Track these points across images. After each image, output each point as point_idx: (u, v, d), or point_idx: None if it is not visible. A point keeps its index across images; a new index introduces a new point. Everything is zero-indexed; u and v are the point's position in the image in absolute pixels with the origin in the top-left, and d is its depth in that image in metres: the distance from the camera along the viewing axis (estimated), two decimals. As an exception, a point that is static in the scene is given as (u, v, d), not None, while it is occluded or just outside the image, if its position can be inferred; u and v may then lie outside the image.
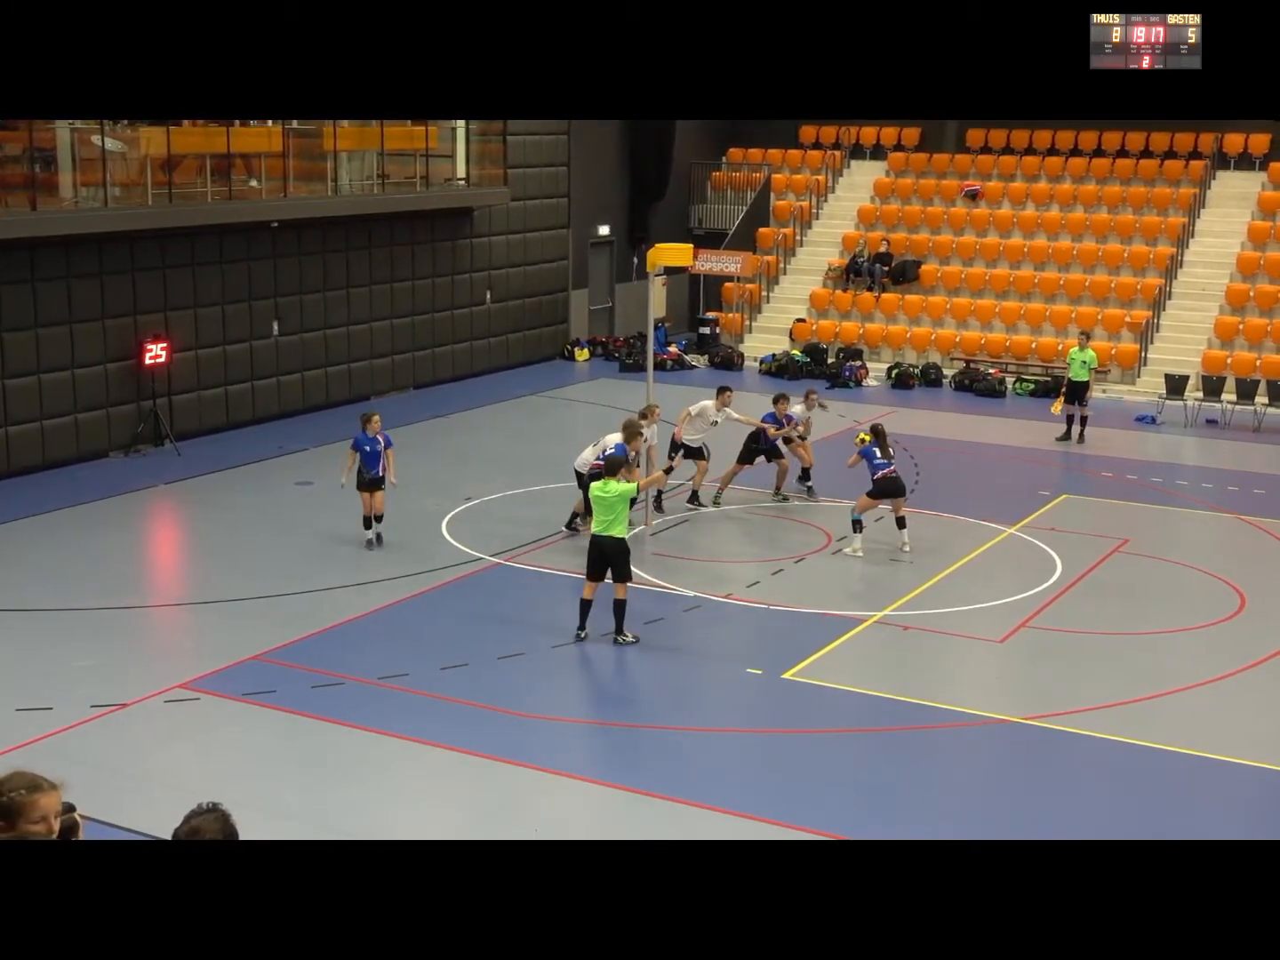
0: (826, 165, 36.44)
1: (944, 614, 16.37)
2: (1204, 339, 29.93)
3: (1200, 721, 13.81)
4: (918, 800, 12.19)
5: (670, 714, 13.89)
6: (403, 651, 15.00)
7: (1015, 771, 13.02)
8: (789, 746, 13.40)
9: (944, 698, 14.16)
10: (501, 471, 22.22)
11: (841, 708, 14.18)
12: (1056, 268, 32.32)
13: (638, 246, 33.93)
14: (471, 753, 12.69)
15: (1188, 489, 21.95)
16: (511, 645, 15.18)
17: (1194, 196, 32.52)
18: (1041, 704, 14.04)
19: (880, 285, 33.03)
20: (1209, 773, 12.79)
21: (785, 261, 34.99)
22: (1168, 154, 33.65)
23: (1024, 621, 16.22)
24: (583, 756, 12.93)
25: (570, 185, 32.75)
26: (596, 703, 14.29)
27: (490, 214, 30.32)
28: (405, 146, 28.15)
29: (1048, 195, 33.74)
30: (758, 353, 32.32)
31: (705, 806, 11.75)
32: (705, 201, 37.46)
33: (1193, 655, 15.38)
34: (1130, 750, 13.14)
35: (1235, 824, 11.94)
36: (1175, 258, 31.59)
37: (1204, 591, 17.42)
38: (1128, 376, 29.85)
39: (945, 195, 34.71)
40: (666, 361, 31.00)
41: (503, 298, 31.04)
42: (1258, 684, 14.70)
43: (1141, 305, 30.89)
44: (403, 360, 28.44)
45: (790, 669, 14.68)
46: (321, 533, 19.09)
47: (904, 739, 13.36)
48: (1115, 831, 11.49)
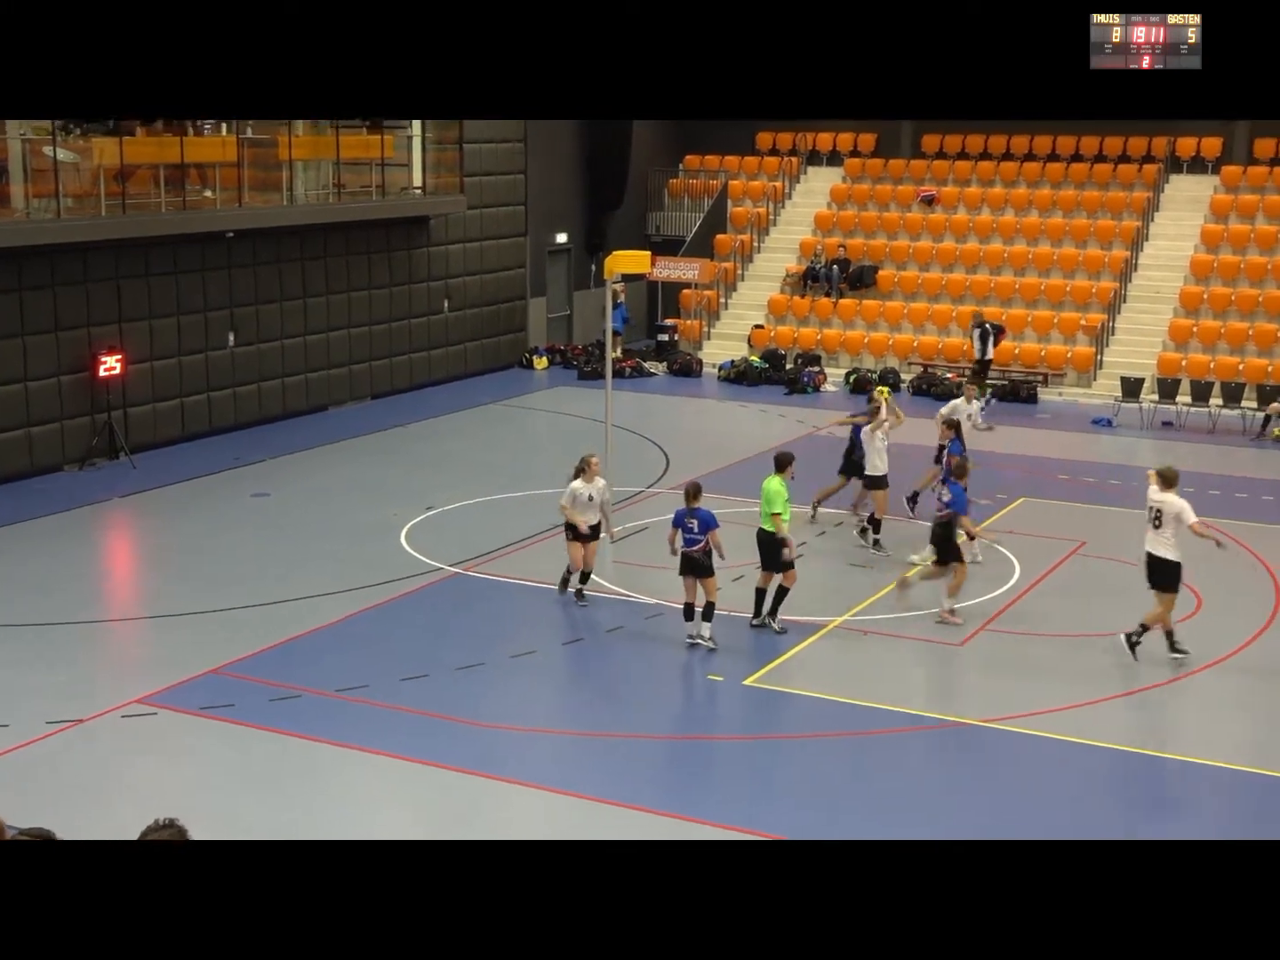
0: (783, 172, 36.52)
1: (904, 618, 16.40)
2: (1159, 341, 30.14)
3: (1160, 722, 13.89)
4: (880, 804, 12.19)
5: (631, 722, 13.86)
6: (361, 663, 14.91)
7: (976, 774, 13.04)
8: (750, 753, 13.40)
9: (904, 702, 14.18)
10: (461, 481, 22.16)
11: (803, 713, 14.18)
12: (1012, 272, 32.48)
13: (595, 254, 33.93)
14: (431, 763, 12.63)
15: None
16: (471, 655, 15.13)
17: (1148, 200, 32.76)
18: (1002, 707, 14.08)
19: (838, 291, 33.12)
20: (1169, 773, 12.85)
21: (743, 268, 35.04)
22: (1121, 158, 33.89)
23: (983, 625, 16.27)
24: (543, 766, 12.87)
25: (527, 193, 32.72)
26: (556, 712, 14.24)
27: (447, 222, 30.25)
28: (361, 155, 28.06)
29: (1003, 200, 33.92)
30: (716, 359, 32.35)
31: (665, 814, 11.72)
32: (663, 208, 37.50)
33: (1149, 657, 15.45)
34: (1091, 752, 13.19)
35: (1196, 823, 12.00)
36: (1130, 261, 31.81)
37: (1161, 593, 17.50)
38: (1084, 379, 30.02)
39: (901, 200, 34.84)
40: (625, 369, 30.99)
41: (460, 306, 30.96)
42: (1215, 684, 14.79)
43: (1097, 308, 31.08)
44: (360, 370, 28.32)
45: (751, 675, 14.68)
46: (279, 545, 18.98)
47: (865, 743, 13.37)
48: (1077, 832, 11.52)
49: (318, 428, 25.89)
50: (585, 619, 16.28)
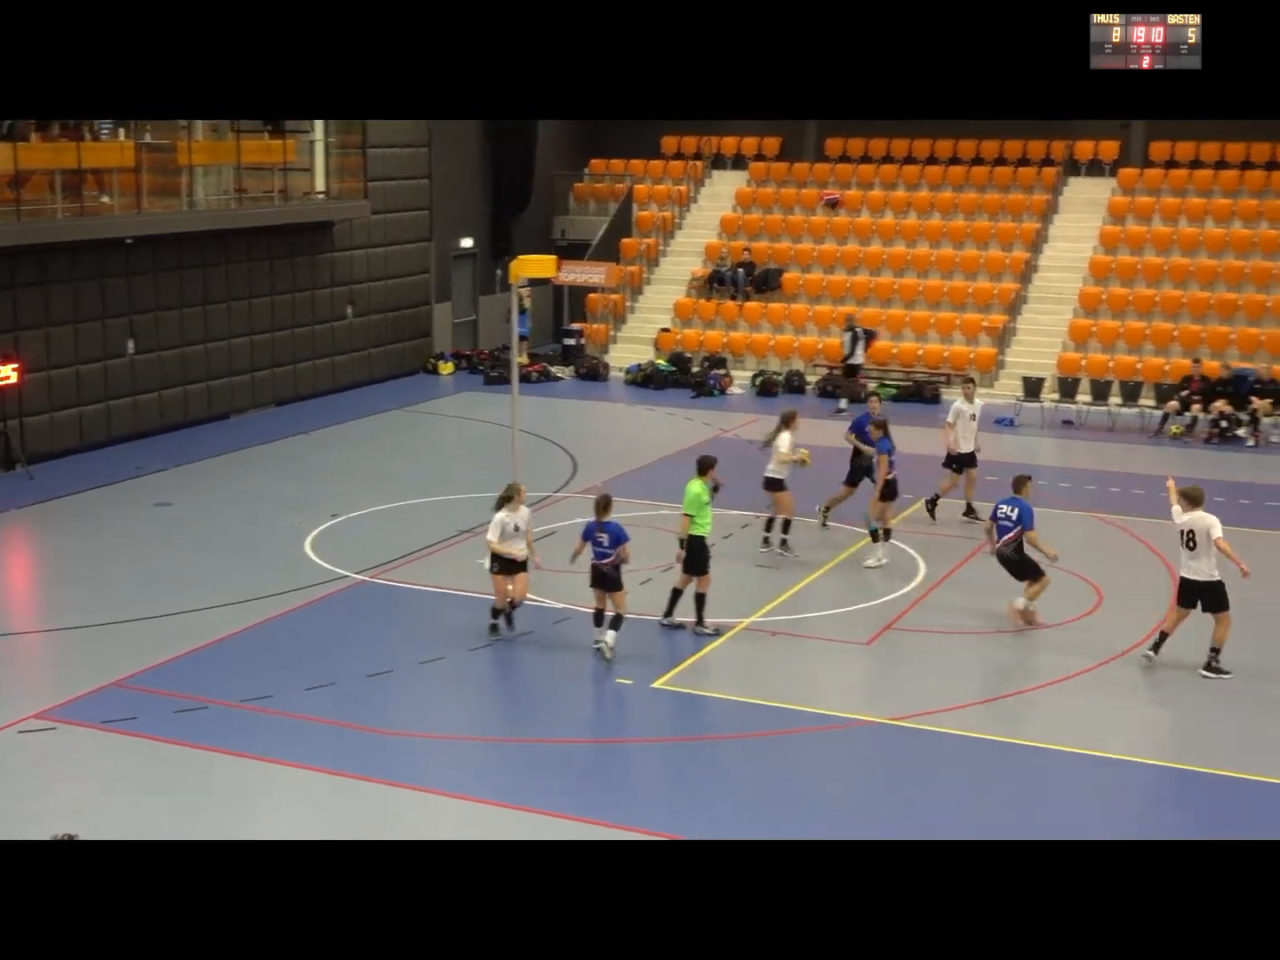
0: (688, 175, 36.64)
1: (811, 618, 16.49)
2: (1059, 342, 30.56)
3: (1063, 716, 14.05)
4: (790, 803, 12.24)
5: (541, 727, 13.81)
6: (267, 673, 14.74)
7: (884, 772, 13.12)
8: (659, 755, 13.40)
9: (812, 701, 14.25)
10: (366, 488, 21.98)
11: (712, 715, 14.21)
12: (915, 274, 32.79)
13: (501, 258, 33.82)
14: (340, 773, 12.50)
15: (1046, 488, 22.30)
16: (379, 663, 15.00)
17: (1047, 203, 33.21)
18: (908, 704, 14.18)
19: (743, 294, 33.27)
20: (1073, 766, 13.00)
21: (649, 271, 35.10)
22: (1021, 161, 34.34)
23: (890, 623, 16.39)
24: (453, 773, 12.79)
25: (432, 198, 32.56)
26: (466, 718, 14.15)
27: (351, 227, 30.02)
28: (262, 160, 27.74)
29: (906, 203, 34.24)
30: (623, 363, 32.36)
31: (579, 819, 11.69)
32: (568, 213, 37.46)
33: (1054, 651, 15.65)
34: (996, 747, 13.33)
35: (1101, 816, 12.16)
36: (1030, 262, 32.23)
37: (1063, 589, 17.73)
38: (986, 380, 30.34)
39: (806, 204, 35.07)
40: (531, 374, 30.92)
41: (365, 312, 30.74)
42: (1117, 678, 15.00)
43: (998, 309, 31.46)
44: (263, 377, 28.01)
45: (659, 678, 14.68)
46: (181, 555, 18.72)
47: (774, 744, 13.41)
48: (984, 827, 11.64)
49: (220, 436, 25.57)
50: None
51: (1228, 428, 26.44)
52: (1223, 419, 26.48)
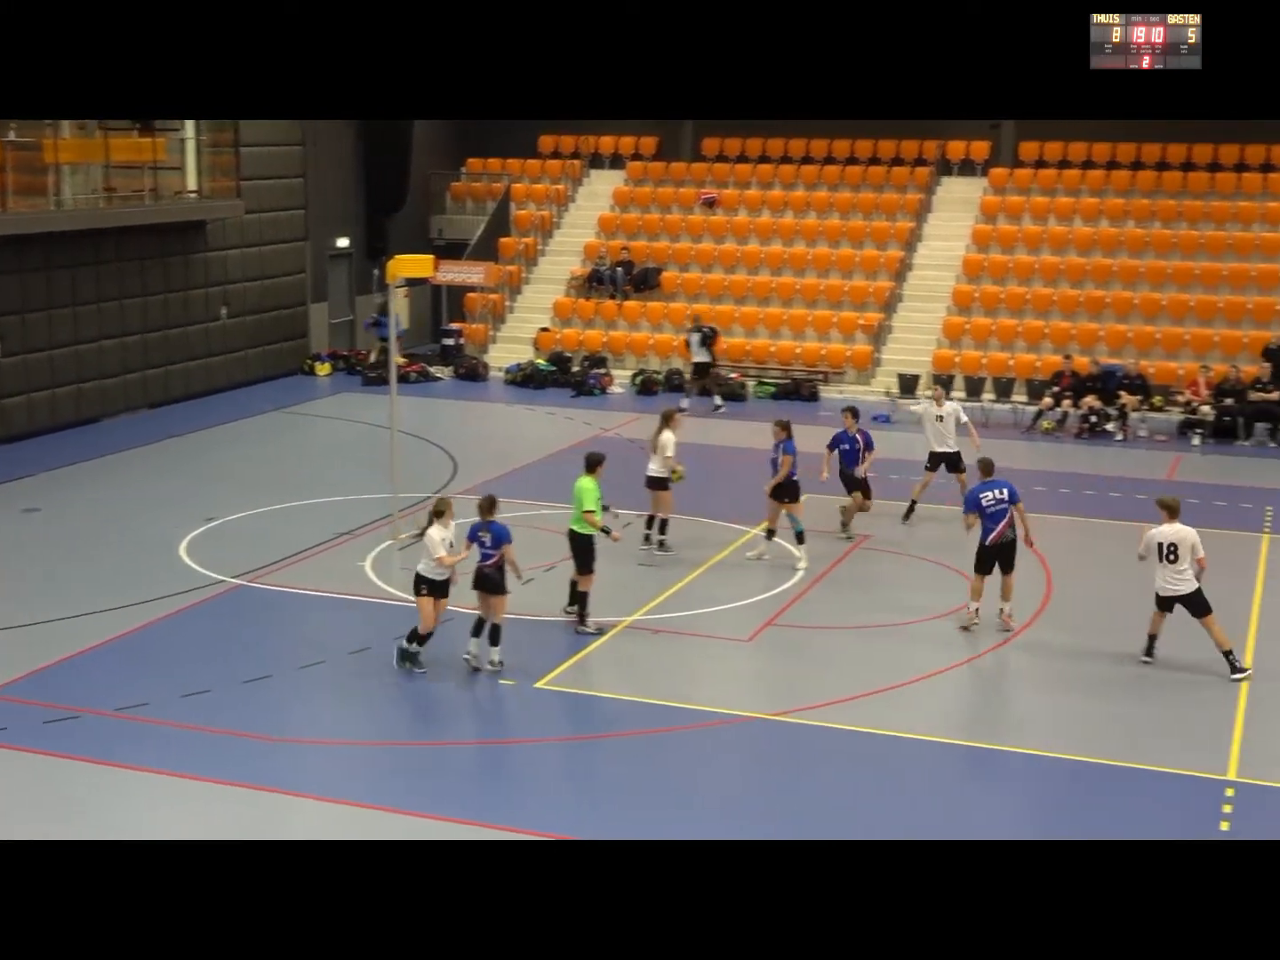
0: (566, 174, 36.60)
1: (693, 615, 16.55)
2: (933, 339, 30.98)
3: (941, 708, 14.24)
4: (674, 801, 12.27)
5: (422, 730, 13.72)
6: (141, 681, 14.46)
7: (769, 768, 13.20)
8: (543, 756, 13.37)
9: (695, 698, 14.30)
10: (243, 490, 21.67)
11: (594, 714, 14.20)
12: (792, 273, 33.06)
13: (377, 258, 33.51)
14: (220, 781, 12.30)
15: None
16: (257, 668, 14.79)
17: (920, 202, 33.65)
18: (791, 699, 14.29)
19: (622, 293, 33.31)
20: (954, 757, 13.18)
21: (528, 271, 35.01)
22: (895, 161, 34.76)
23: (770, 619, 16.51)
24: (333, 778, 12.65)
25: (307, 197, 32.19)
26: (346, 723, 14.00)
27: (224, 227, 29.57)
28: (133, 159, 27.22)
29: (782, 202, 34.50)
30: (502, 363, 32.26)
31: (457, 820, 11.61)
32: (445, 212, 37.24)
33: (932, 645, 15.86)
34: (877, 740, 13.47)
35: (983, 806, 12.36)
36: (905, 261, 32.64)
37: (940, 583, 18.00)
38: (863, 377, 30.69)
39: (683, 203, 35.20)
40: (410, 374, 30.71)
41: (239, 313, 30.30)
42: (993, 669, 15.24)
43: (874, 308, 31.82)
44: (135, 379, 27.49)
45: (542, 678, 14.64)
46: (51, 561, 18.32)
47: (657, 741, 13.43)
48: (869, 820, 11.76)
49: (91, 440, 25.06)
50: (374, 627, 16.05)
51: (1097, 423, 26.99)
52: (1092, 414, 27.03)
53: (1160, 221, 31.80)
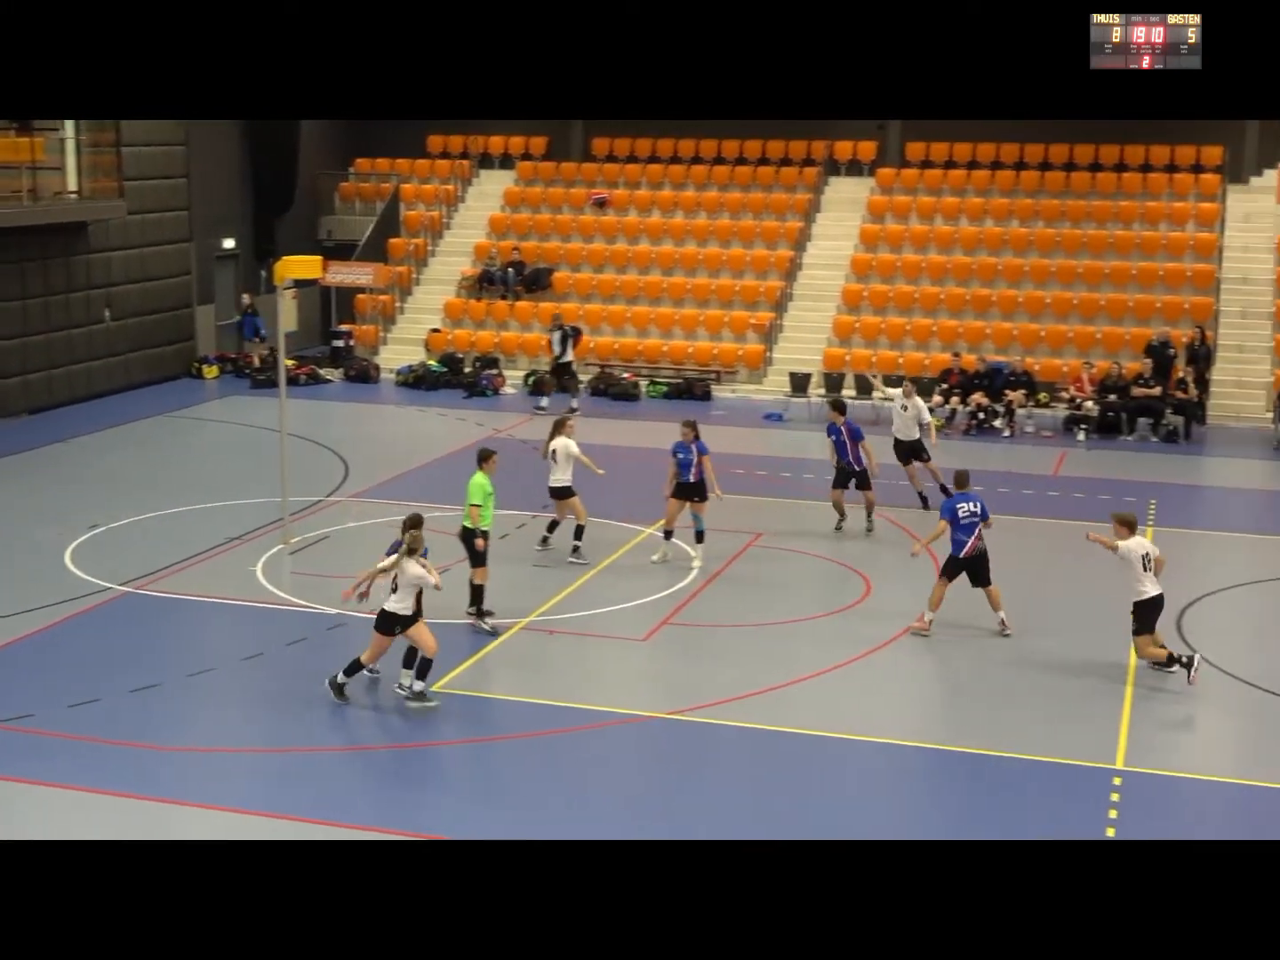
0: (456, 175, 36.43)
1: (588, 616, 16.53)
2: (824, 338, 31.23)
3: (835, 704, 14.34)
4: (570, 802, 12.25)
5: (316, 735, 13.55)
6: (26, 691, 14.14)
7: (666, 767, 13.22)
8: (439, 759, 13.27)
9: (592, 698, 14.27)
10: (129, 496, 21.28)
11: (491, 716, 14.12)
12: (684, 273, 33.16)
13: (265, 259, 33.11)
14: (109, 792, 12.08)
15: (814, 482, 22.78)
16: (145, 676, 14.53)
17: (809, 202, 33.91)
18: (686, 698, 14.32)
19: (514, 293, 33.21)
20: (846, 752, 13.29)
21: (418, 272, 34.79)
22: (784, 161, 34.99)
23: (665, 619, 16.53)
24: (224, 786, 12.45)
25: (191, 197, 31.70)
26: (237, 730, 13.80)
27: (106, 228, 29.04)
28: (10, 159, 26.63)
29: (673, 202, 34.60)
30: (393, 364, 32.02)
31: (351, 826, 11.49)
32: (334, 212, 36.90)
33: (825, 641, 15.97)
34: (773, 736, 13.53)
35: (874, 800, 12.47)
36: (795, 261, 32.87)
37: (833, 579, 18.15)
38: (754, 376, 30.86)
39: (574, 203, 35.17)
40: (300, 376, 30.38)
41: (123, 315, 29.77)
42: (886, 664, 15.38)
43: (765, 307, 32.01)
44: (13, 385, 26.91)
45: (438, 681, 14.53)
46: (-69, 570, 17.89)
47: (554, 742, 13.38)
48: (765, 818, 11.82)
49: (-29, 446, 24.51)
50: (264, 633, 15.85)
51: (985, 419, 27.38)
52: (980, 411, 27.42)
53: (1044, 221, 32.33)
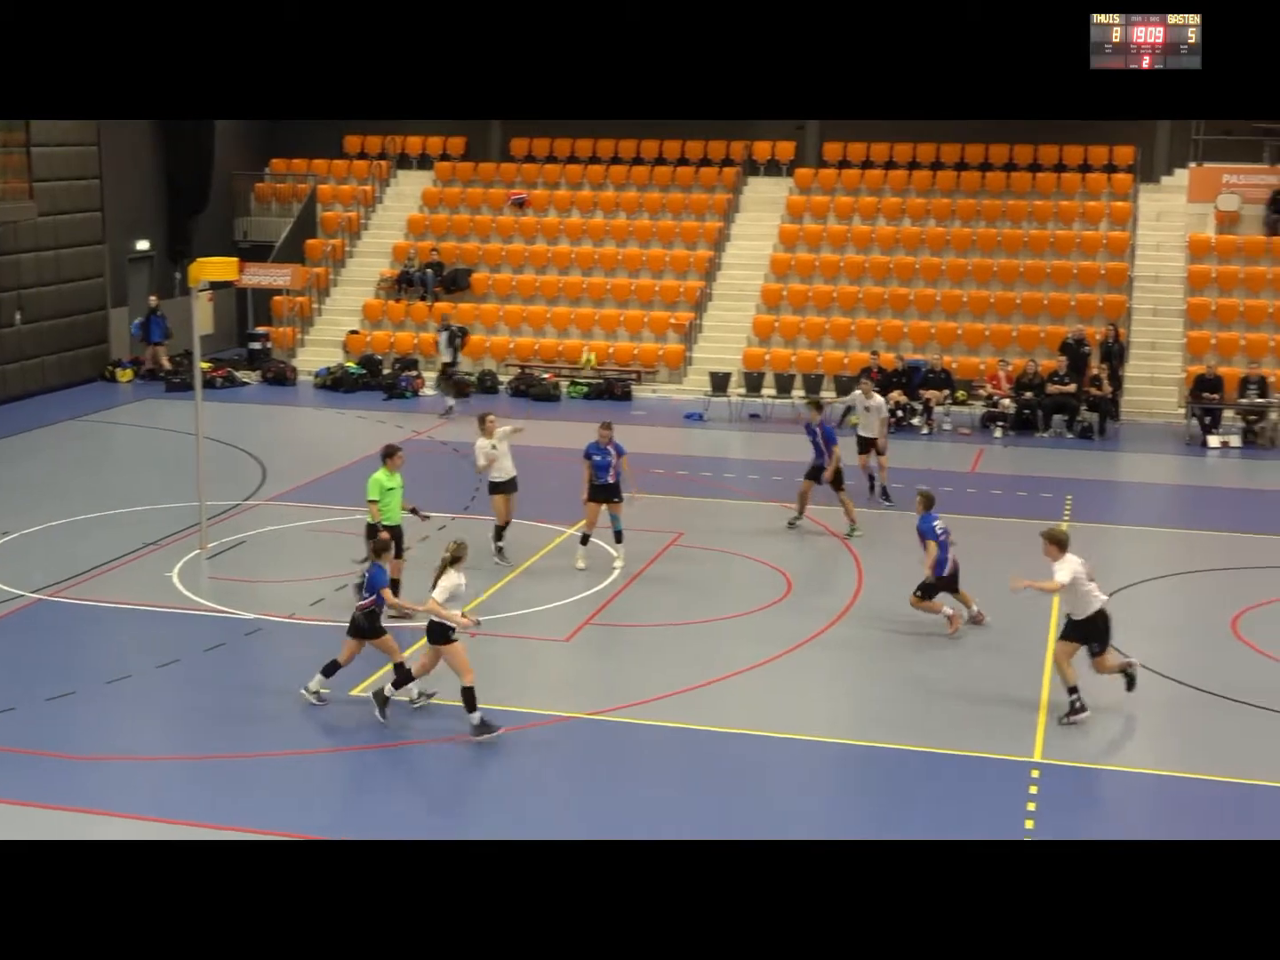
0: (373, 175, 36.21)
1: (511, 617, 16.48)
2: (743, 337, 31.34)
3: (757, 702, 14.39)
4: (496, 804, 12.21)
5: (236, 742, 13.40)
6: (-64, 701, 13.90)
7: (590, 767, 13.20)
8: (358, 763, 13.17)
9: (513, 700, 14.22)
10: (42, 502, 20.95)
11: (412, 719, 14.03)
12: (603, 273, 33.15)
13: (180, 261, 32.75)
14: (24, 803, 11.88)
15: (735, 481, 22.90)
16: (60, 685, 14.32)
17: (728, 202, 34.02)
18: (609, 698, 14.31)
19: (433, 294, 33.06)
20: (769, 749, 13.33)
21: (335, 273, 34.55)
22: (703, 161, 35.08)
23: (588, 619, 16.52)
24: (140, 794, 12.30)
25: (104, 198, 31.29)
26: (154, 738, 13.63)
27: (16, 230, 28.60)
28: (-85, 159, 26.22)
29: (592, 202, 34.59)
30: (311, 366, 31.78)
31: (271, 832, 11.38)
32: (249, 214, 36.57)
33: (747, 639, 16.03)
34: (696, 735, 13.56)
35: (800, 797, 12.52)
36: (714, 260, 32.96)
37: (755, 578, 18.20)
38: (675, 376, 30.92)
39: (493, 203, 35.07)
40: (216, 379, 30.07)
41: (35, 318, 29.34)
42: (807, 662, 15.46)
43: (685, 307, 32.07)
44: (-76, 389, 26.49)
45: (357, 685, 14.43)
46: None
47: (475, 745, 13.32)
48: (689, 818, 11.83)
49: (-122, 452, 24.04)
50: (181, 639, 15.67)
51: (903, 417, 27.58)
52: (898, 408, 27.61)
53: (960, 220, 32.63)
